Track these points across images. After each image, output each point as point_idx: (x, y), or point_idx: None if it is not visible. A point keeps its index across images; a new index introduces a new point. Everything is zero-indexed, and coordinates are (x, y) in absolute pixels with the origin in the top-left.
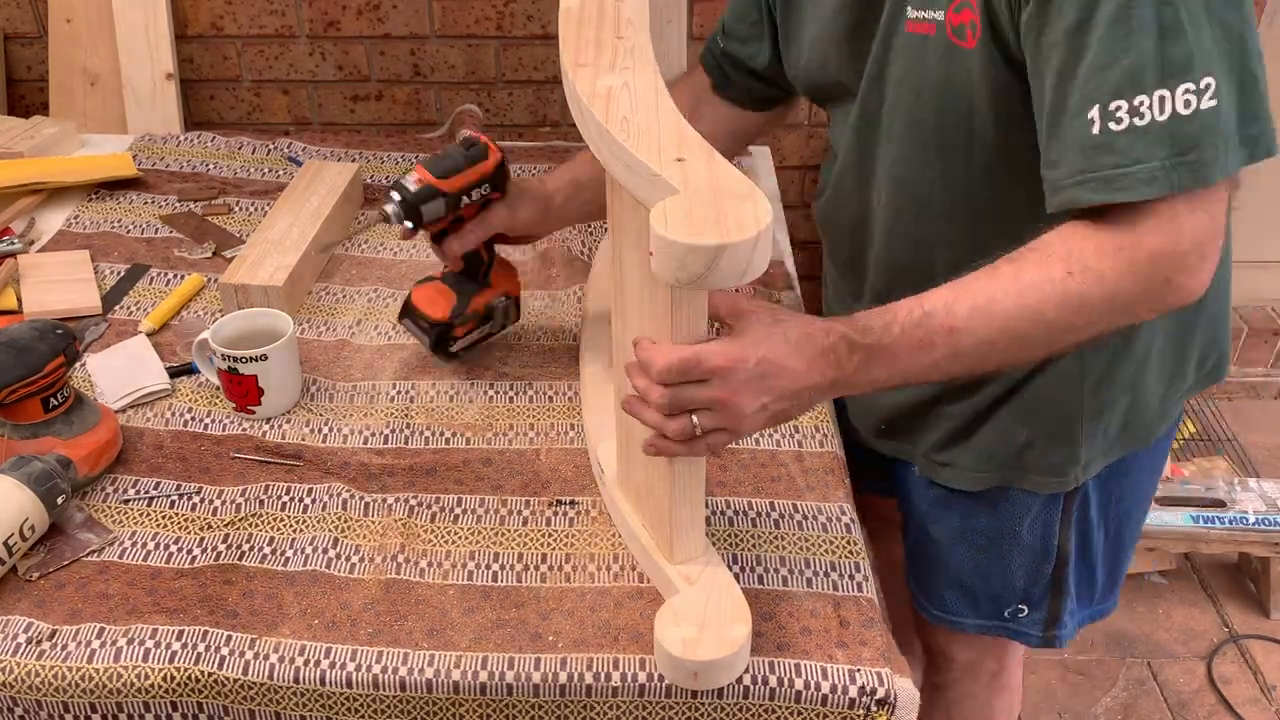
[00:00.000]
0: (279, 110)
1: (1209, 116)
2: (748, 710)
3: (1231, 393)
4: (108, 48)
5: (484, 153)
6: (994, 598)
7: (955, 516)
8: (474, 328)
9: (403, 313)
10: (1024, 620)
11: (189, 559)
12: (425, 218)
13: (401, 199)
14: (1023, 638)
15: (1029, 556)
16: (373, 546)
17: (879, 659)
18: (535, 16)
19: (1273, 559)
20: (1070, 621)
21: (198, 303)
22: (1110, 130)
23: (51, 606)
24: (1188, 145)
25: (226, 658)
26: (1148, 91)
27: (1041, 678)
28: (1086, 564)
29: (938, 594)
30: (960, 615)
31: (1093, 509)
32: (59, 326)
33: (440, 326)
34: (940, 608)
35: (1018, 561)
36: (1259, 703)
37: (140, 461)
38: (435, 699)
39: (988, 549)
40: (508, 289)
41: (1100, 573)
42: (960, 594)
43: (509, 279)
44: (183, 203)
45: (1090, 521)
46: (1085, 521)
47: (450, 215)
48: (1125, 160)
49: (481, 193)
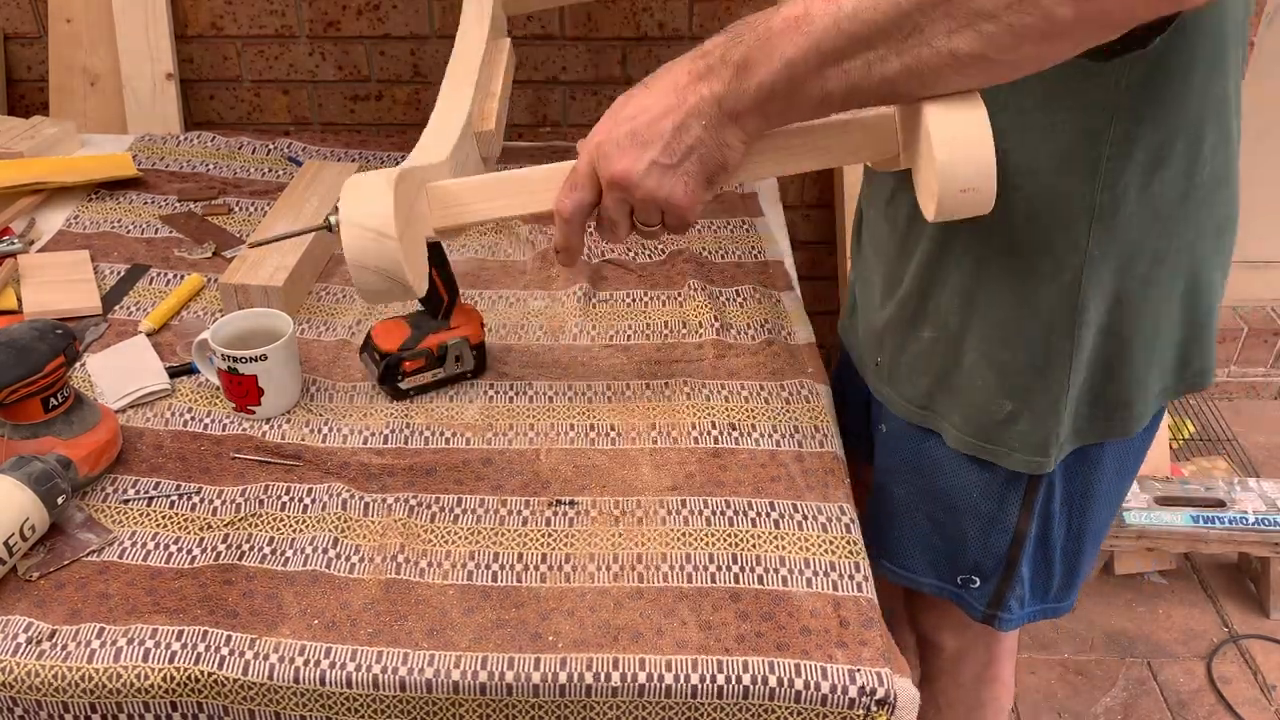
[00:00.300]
0: (279, 110)
1: None
2: (747, 710)
3: (1231, 393)
4: (108, 48)
5: None
6: (950, 560)
7: (922, 477)
8: (424, 366)
9: (362, 347)
10: (974, 591)
11: (189, 559)
12: None
13: None
14: (968, 607)
15: (985, 528)
16: (373, 546)
17: (879, 659)
18: (535, 16)
19: (1273, 559)
20: (1018, 608)
21: (198, 303)
22: None
23: (51, 606)
24: None
25: (226, 658)
26: None
27: (1041, 678)
28: (1044, 553)
29: (898, 552)
30: (918, 574)
31: (1056, 496)
32: (59, 326)
33: (388, 358)
34: (900, 565)
35: (974, 531)
36: (1259, 703)
37: (140, 461)
38: (435, 699)
39: (948, 512)
40: (468, 334)
41: (1058, 567)
42: (919, 554)
43: (471, 324)
44: (183, 203)
45: (1052, 509)
46: (1048, 506)
47: None
48: None
49: None
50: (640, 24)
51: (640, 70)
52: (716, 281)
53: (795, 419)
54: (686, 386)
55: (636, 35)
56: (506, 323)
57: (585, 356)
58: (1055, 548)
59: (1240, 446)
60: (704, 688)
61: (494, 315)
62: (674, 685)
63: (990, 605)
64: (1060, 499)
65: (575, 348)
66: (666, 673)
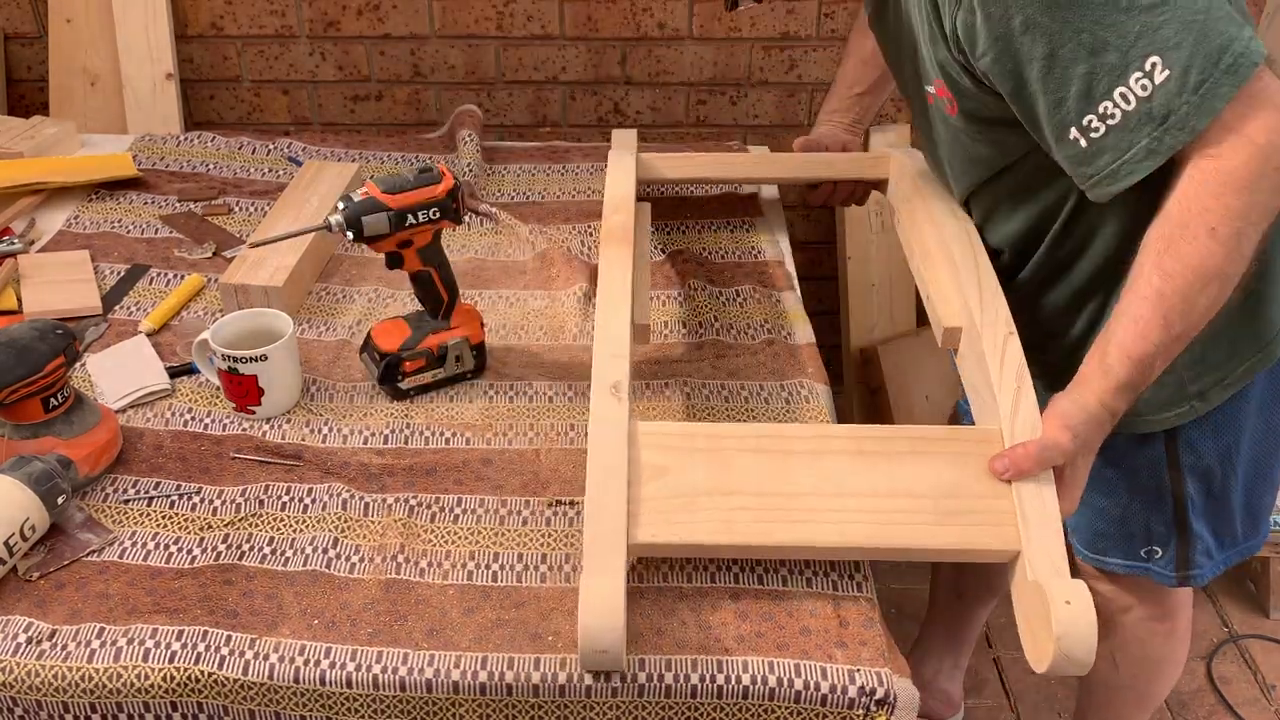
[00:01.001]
0: (279, 110)
1: (1168, 86)
2: (747, 710)
3: None
4: (108, 48)
5: (436, 178)
6: (1129, 537)
7: None
8: (425, 366)
9: (362, 347)
10: (1159, 560)
11: (189, 559)
12: (366, 229)
13: (345, 208)
14: (1160, 578)
15: (1145, 499)
16: (373, 546)
17: (878, 659)
18: (535, 16)
19: (1273, 559)
20: (1207, 562)
21: (198, 303)
22: (1094, 138)
23: (51, 606)
24: (1163, 115)
25: (226, 658)
26: (1105, 99)
27: (1041, 678)
28: (1215, 505)
29: (1084, 535)
30: (1106, 555)
31: (1208, 451)
32: (59, 326)
33: (389, 358)
34: (1089, 548)
35: (1134, 505)
36: (1259, 703)
37: (140, 461)
38: (435, 699)
39: (1105, 492)
40: (468, 334)
41: (1237, 513)
42: (1101, 535)
43: (471, 324)
44: (183, 203)
45: (1207, 464)
46: (1199, 464)
47: (395, 235)
48: (1118, 152)
49: (429, 216)
50: (640, 24)
51: (640, 70)
52: (716, 282)
53: (795, 419)
54: (686, 387)
55: (636, 35)
56: (506, 323)
57: (585, 356)
58: (1228, 496)
59: None
60: (704, 688)
61: (494, 315)
62: (673, 685)
63: (1179, 568)
64: (1211, 442)
65: (575, 348)
66: (666, 672)
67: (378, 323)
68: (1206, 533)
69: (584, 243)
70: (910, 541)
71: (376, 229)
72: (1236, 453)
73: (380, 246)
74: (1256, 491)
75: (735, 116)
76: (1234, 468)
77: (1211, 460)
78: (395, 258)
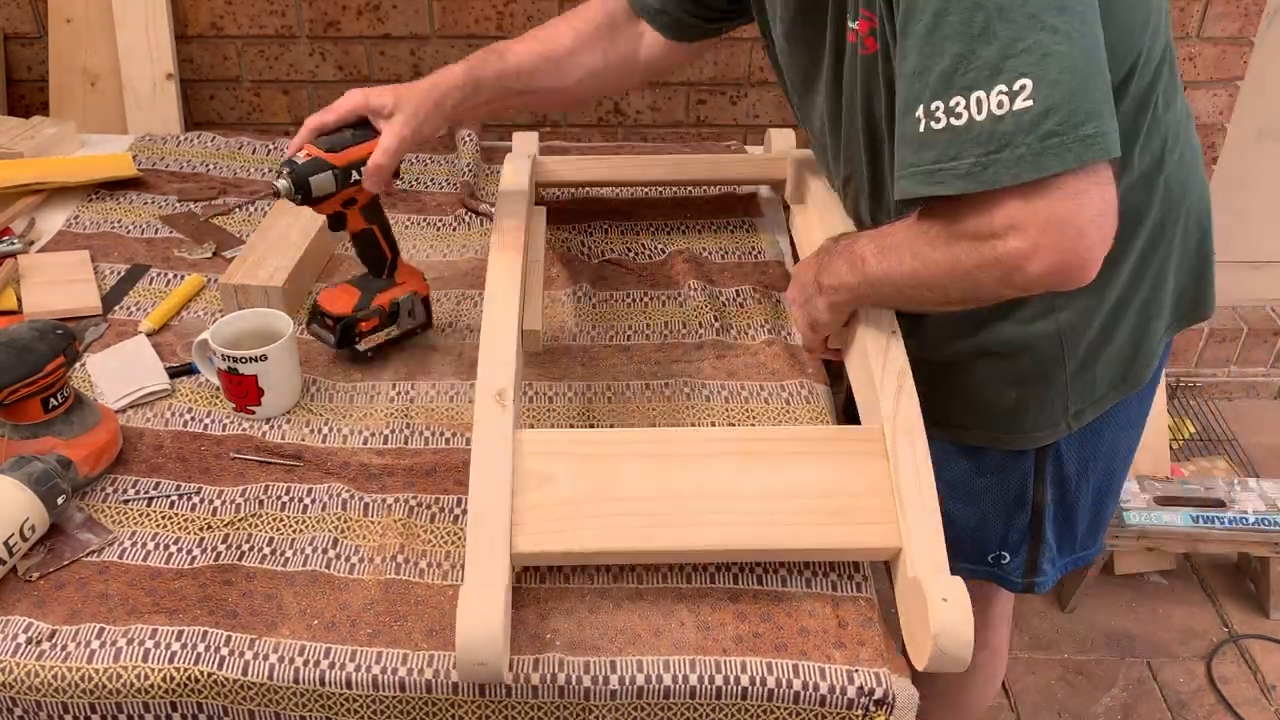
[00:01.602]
0: (279, 110)
1: (1023, 117)
2: (745, 711)
3: (1231, 393)
4: (108, 48)
5: (372, 134)
6: (976, 543)
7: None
8: (379, 324)
9: (309, 319)
10: (1007, 565)
11: (189, 559)
12: (314, 190)
13: (291, 170)
14: (1006, 583)
15: (1005, 507)
16: (372, 547)
17: (877, 659)
18: (535, 16)
19: (1272, 559)
20: (1050, 569)
21: (198, 303)
22: (932, 129)
23: (51, 607)
24: (1001, 144)
25: (226, 658)
26: (962, 93)
27: (1041, 678)
28: (1065, 514)
29: None
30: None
31: (1070, 461)
32: (59, 326)
33: (344, 320)
34: None
35: (994, 513)
36: (1259, 703)
37: (140, 461)
38: (435, 699)
39: (967, 500)
40: (415, 288)
41: (1082, 523)
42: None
43: (415, 279)
44: (183, 203)
45: (1067, 473)
46: (1061, 473)
47: (340, 193)
48: (943, 157)
49: None
50: None
51: None
52: (716, 282)
53: (795, 419)
54: (686, 387)
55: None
56: None
57: (585, 356)
58: (1077, 505)
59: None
60: (702, 689)
61: None
62: (672, 686)
63: (1027, 574)
64: (1076, 458)
65: (575, 348)
66: (665, 674)
67: (323, 290)
68: (1054, 540)
69: (584, 243)
70: (794, 542)
71: (324, 188)
72: (1093, 465)
73: (325, 207)
74: (1103, 503)
75: (735, 116)
76: (1087, 479)
77: (1071, 470)
78: (339, 218)
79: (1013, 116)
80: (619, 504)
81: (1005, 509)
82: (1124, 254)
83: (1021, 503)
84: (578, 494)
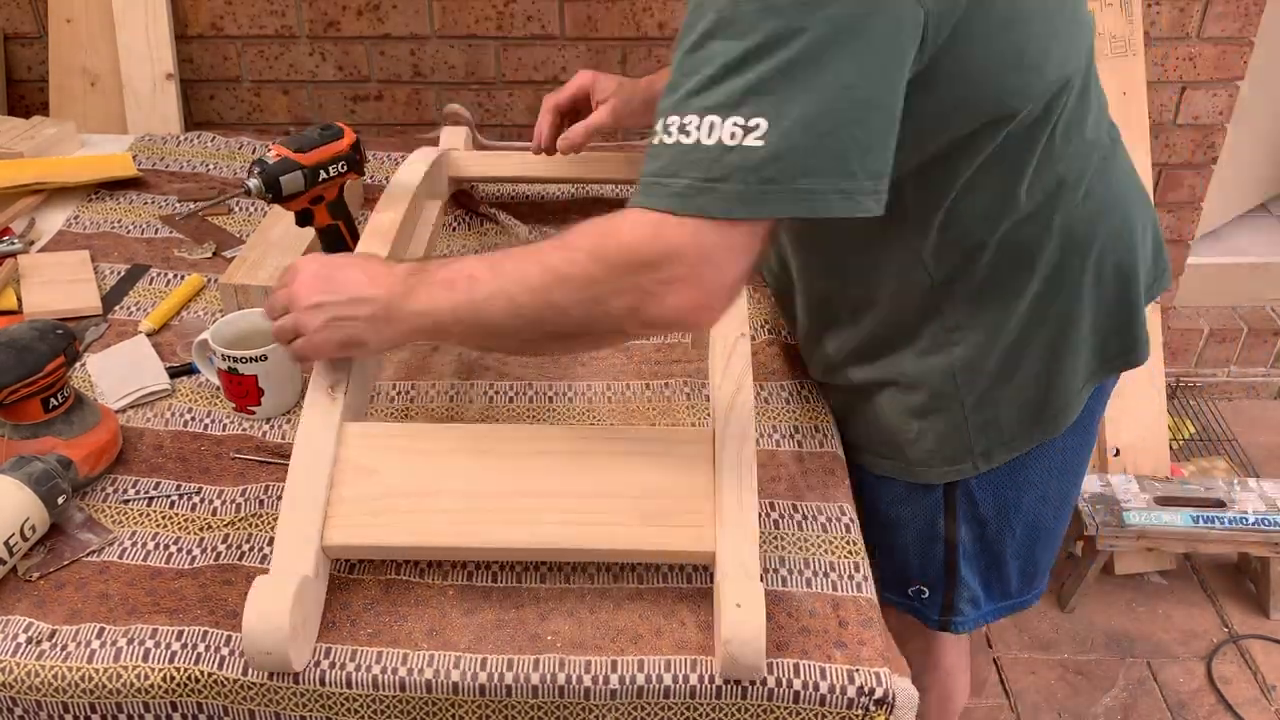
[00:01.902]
0: (279, 110)
1: (751, 154)
2: (745, 711)
3: (1231, 393)
4: (108, 48)
5: (339, 134)
6: (899, 574)
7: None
8: None
9: None
10: (925, 600)
11: (189, 559)
12: (284, 189)
13: (262, 171)
14: (924, 618)
15: (919, 542)
16: None
17: (878, 659)
18: (535, 16)
19: (1273, 559)
20: (972, 611)
21: (198, 303)
22: (664, 142)
23: (51, 606)
24: (724, 174)
25: (226, 658)
26: (698, 113)
27: (1041, 678)
28: (988, 557)
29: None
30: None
31: (985, 502)
32: (59, 326)
33: None
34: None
35: (911, 545)
36: (1259, 703)
37: (140, 461)
38: (435, 699)
39: (885, 529)
40: None
41: (1011, 566)
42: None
43: None
44: (183, 203)
45: (982, 514)
46: (974, 513)
47: (309, 191)
48: (665, 171)
49: (338, 169)
50: (640, 24)
51: (639, 70)
52: None
53: (795, 419)
54: (686, 387)
55: (636, 35)
56: None
57: (585, 356)
58: (1001, 550)
59: (1240, 446)
60: (703, 688)
61: None
62: (673, 686)
63: (942, 613)
64: (991, 500)
65: None
66: (665, 673)
67: None
68: (975, 582)
69: None
70: (606, 543)
71: (293, 187)
72: (1015, 510)
73: (293, 205)
74: (1035, 551)
75: None
76: (1010, 524)
77: (988, 511)
78: (306, 214)
79: (740, 151)
80: (435, 499)
81: (919, 543)
82: (1016, 293)
83: (933, 538)
84: (395, 488)
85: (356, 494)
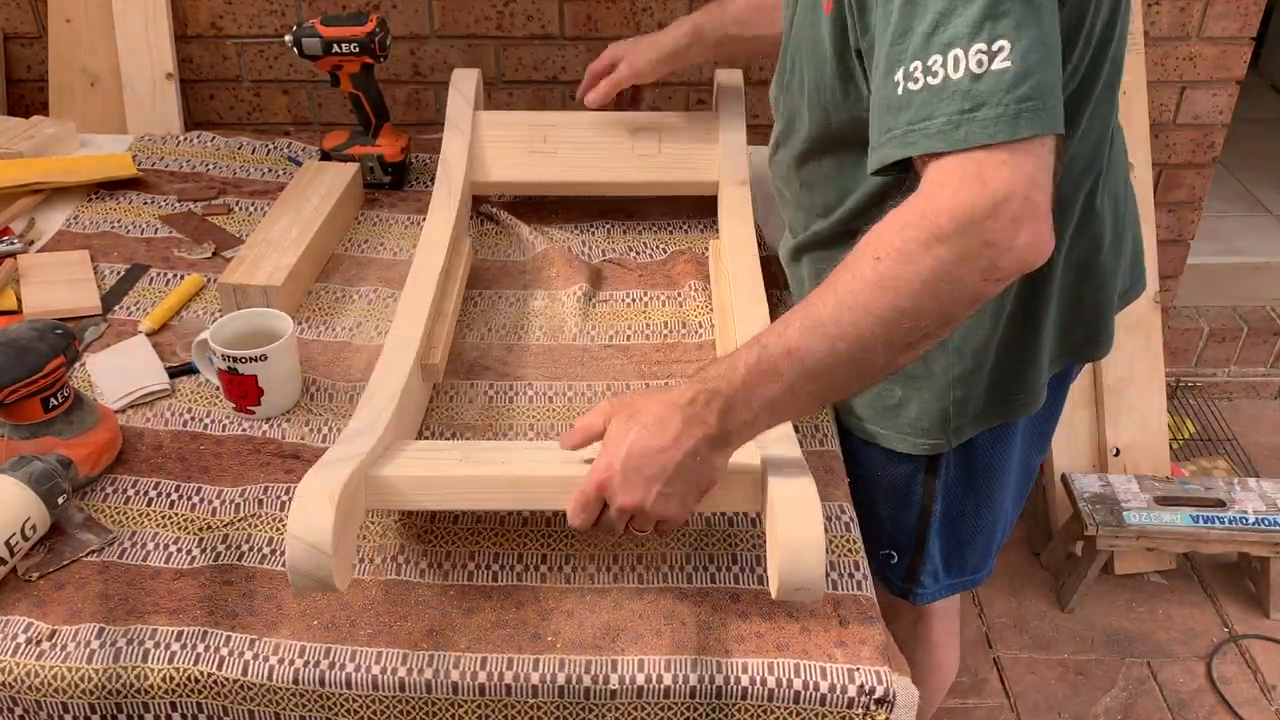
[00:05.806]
0: (279, 110)
1: (1000, 77)
2: (746, 710)
3: (1231, 393)
4: (108, 48)
5: (362, 21)
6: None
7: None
8: None
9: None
10: (892, 566)
11: (189, 559)
12: (304, 49)
13: (296, 30)
14: (887, 581)
15: (894, 507)
16: (372, 546)
17: (878, 658)
18: (535, 16)
19: (1272, 559)
20: (932, 583)
21: (197, 303)
22: (909, 90)
23: (51, 606)
24: (978, 102)
25: (226, 658)
26: (940, 51)
27: (1041, 678)
28: (953, 531)
29: None
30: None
31: (953, 474)
32: (59, 326)
33: (324, 154)
34: None
35: (885, 510)
36: (1259, 703)
37: (140, 461)
38: (434, 699)
39: (863, 491)
40: (385, 151)
41: (970, 543)
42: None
43: (392, 146)
44: (183, 203)
45: (952, 488)
46: (949, 487)
47: (327, 58)
48: (919, 116)
49: (350, 48)
50: (640, 24)
51: None
52: None
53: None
54: None
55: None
56: (506, 323)
57: (585, 356)
58: (965, 525)
59: (1240, 446)
60: (702, 688)
61: (494, 315)
62: (673, 686)
63: (905, 580)
64: (961, 476)
65: (575, 348)
66: (665, 673)
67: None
68: (938, 555)
69: (584, 243)
70: None
71: (312, 50)
72: (988, 487)
73: (320, 65)
74: (994, 529)
75: None
76: (978, 500)
77: (962, 485)
78: (334, 78)
79: (991, 76)
80: None
81: (896, 506)
82: None
83: (908, 506)
84: None
85: None
